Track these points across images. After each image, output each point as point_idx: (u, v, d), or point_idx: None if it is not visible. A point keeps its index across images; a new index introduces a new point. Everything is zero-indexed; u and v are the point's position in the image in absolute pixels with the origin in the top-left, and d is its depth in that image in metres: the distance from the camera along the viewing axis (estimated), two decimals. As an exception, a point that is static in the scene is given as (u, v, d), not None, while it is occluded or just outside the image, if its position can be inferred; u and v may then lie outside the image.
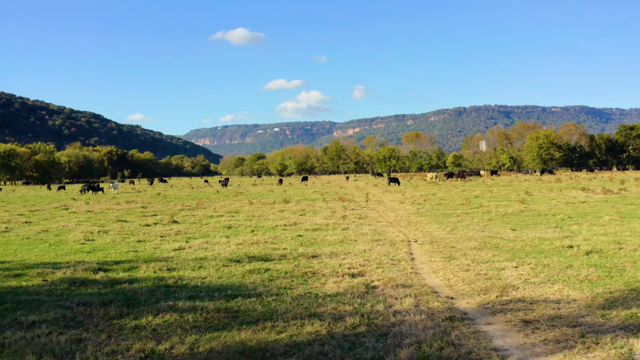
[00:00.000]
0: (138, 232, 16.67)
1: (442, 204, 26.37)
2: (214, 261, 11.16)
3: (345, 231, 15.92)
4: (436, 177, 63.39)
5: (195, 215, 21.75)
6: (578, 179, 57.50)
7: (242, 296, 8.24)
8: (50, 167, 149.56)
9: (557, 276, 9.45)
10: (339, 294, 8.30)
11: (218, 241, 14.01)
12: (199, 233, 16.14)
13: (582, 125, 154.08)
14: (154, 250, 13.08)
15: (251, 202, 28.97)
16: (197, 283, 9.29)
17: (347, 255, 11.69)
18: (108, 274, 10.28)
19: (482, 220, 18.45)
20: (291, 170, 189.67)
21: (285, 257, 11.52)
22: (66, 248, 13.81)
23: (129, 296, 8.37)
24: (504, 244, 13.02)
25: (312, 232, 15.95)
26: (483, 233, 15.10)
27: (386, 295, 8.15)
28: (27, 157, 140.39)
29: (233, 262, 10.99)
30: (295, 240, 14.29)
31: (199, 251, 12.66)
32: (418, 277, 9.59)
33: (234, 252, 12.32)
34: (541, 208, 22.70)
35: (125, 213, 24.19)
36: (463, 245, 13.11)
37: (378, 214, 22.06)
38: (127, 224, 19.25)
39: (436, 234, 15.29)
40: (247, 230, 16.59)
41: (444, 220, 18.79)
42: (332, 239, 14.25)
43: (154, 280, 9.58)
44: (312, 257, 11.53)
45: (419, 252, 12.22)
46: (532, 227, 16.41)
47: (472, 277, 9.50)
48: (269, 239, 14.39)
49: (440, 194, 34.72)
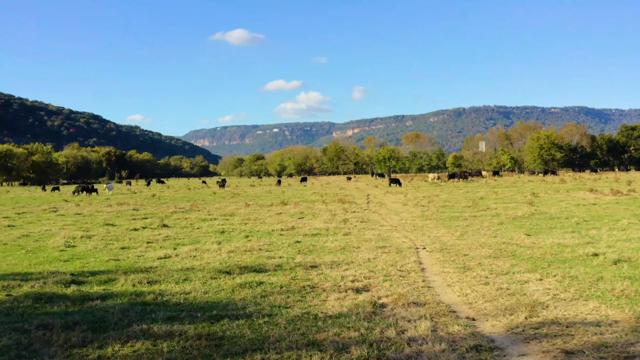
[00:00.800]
0: (124, 237, 15.51)
1: (447, 206, 25.25)
2: (201, 272, 9.99)
3: (346, 237, 14.77)
4: (438, 178, 62.24)
5: (188, 219, 20.59)
6: (582, 180, 56.39)
7: (229, 317, 7.08)
8: (47, 167, 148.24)
9: (589, 291, 8.31)
10: (342, 314, 7.14)
11: (208, 248, 12.85)
12: (189, 239, 14.98)
13: (583, 126, 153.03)
14: (137, 258, 11.92)
15: (247, 205, 27.80)
16: (180, 300, 8.13)
17: (349, 266, 10.54)
18: (81, 287, 9.13)
19: (492, 224, 17.32)
20: (290, 171, 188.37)
21: (281, 268, 10.36)
22: (43, 256, 12.66)
23: (98, 317, 7.21)
24: (521, 252, 11.88)
25: (311, 237, 14.79)
26: (496, 239, 13.96)
27: (397, 317, 7.00)
28: (24, 158, 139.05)
29: (222, 274, 9.82)
30: (293, 247, 13.14)
31: (187, 260, 11.50)
32: (431, 292, 8.44)
33: (225, 262, 11.16)
34: (552, 210, 21.59)
35: (115, 216, 23.03)
36: (476, 252, 11.96)
37: (381, 217, 20.91)
38: (114, 228, 18.09)
39: (445, 239, 14.14)
40: (241, 235, 15.42)
41: (452, 224, 17.64)
42: (333, 245, 13.09)
43: (130, 296, 8.42)
44: (310, 267, 10.37)
45: (429, 261, 11.07)
46: (547, 231, 15.27)
47: (493, 292, 8.35)
48: (264, 246, 13.24)
49: (444, 196, 33.59)
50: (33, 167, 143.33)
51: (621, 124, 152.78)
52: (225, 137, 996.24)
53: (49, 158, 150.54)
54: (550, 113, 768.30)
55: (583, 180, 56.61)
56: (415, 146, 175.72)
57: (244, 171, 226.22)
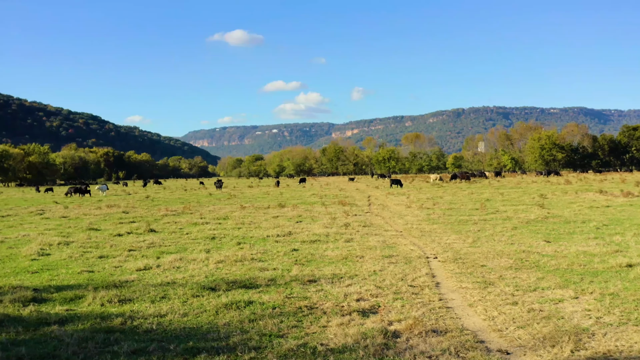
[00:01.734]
0: (105, 244, 14.18)
1: (452, 208, 23.95)
2: (182, 288, 8.68)
3: (348, 244, 13.47)
4: (440, 179, 60.91)
5: (178, 223, 19.27)
6: (588, 181, 55.09)
7: (207, 351, 5.77)
8: (44, 168, 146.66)
9: (636, 312, 7.03)
10: (347, 347, 5.84)
11: (195, 257, 11.54)
12: (175, 246, 13.65)
13: (584, 126, 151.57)
14: (113, 270, 10.61)
15: (243, 207, 26.46)
16: (152, 325, 6.83)
17: (353, 280, 9.23)
18: (41, 307, 7.83)
19: (505, 228, 16.03)
20: (289, 171, 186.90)
21: (275, 282, 9.05)
22: (11, 266, 11.36)
23: (48, 351, 5.90)
24: (545, 262, 10.59)
25: (310, 244, 13.48)
26: (513, 246, 12.67)
27: (415, 351, 5.69)
28: (20, 159, 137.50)
29: (207, 290, 8.51)
30: (289, 256, 11.83)
31: (169, 272, 10.19)
32: (451, 314, 7.15)
33: (211, 274, 9.86)
34: (565, 213, 20.31)
35: (102, 219, 21.71)
36: (495, 263, 10.67)
37: (384, 220, 19.61)
38: (97, 233, 16.77)
39: (457, 247, 12.85)
40: (232, 242, 14.09)
41: (461, 228, 16.35)
42: (334, 254, 11.79)
43: (95, 319, 7.11)
44: (308, 281, 9.07)
45: (444, 274, 9.77)
46: (567, 237, 13.99)
47: (523, 314, 7.06)
48: (257, 255, 11.93)
49: (448, 197, 32.30)
50: (29, 168, 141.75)
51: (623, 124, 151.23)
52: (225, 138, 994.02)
53: (46, 159, 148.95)
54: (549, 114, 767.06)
55: (588, 181, 55.32)
56: (415, 147, 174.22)
57: (243, 172, 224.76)
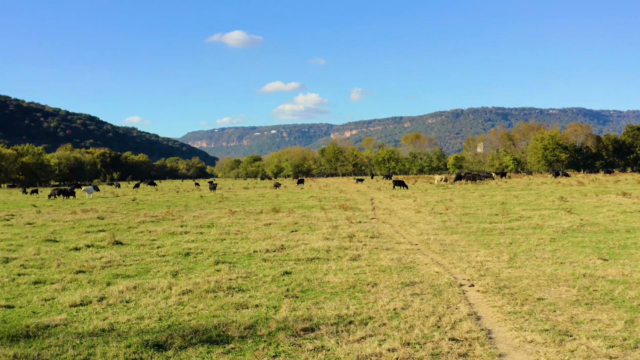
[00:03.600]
0: (52, 262, 11.42)
1: (468, 213, 21.22)
2: (118, 343, 5.93)
3: (355, 262, 10.72)
4: (445, 180, 58.13)
5: (153, 232, 16.47)
6: (600, 182, 52.35)
7: None
8: (38, 169, 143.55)
9: None
10: None
11: (155, 285, 8.79)
12: (136, 266, 10.86)
13: (588, 126, 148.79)
14: (40, 305, 7.85)
15: (232, 212, 23.65)
16: None
17: (367, 328, 6.47)
18: None
19: (541, 240, 13.32)
20: (288, 172, 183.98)
21: (254, 333, 6.29)
22: None
23: None
24: (620, 293, 7.88)
25: (306, 264, 10.72)
26: (564, 267, 9.96)
27: None
28: (13, 159, 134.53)
29: (151, 350, 5.77)
30: (279, 282, 9.07)
31: (112, 310, 7.44)
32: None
33: (168, 316, 7.11)
34: (599, 220, 17.61)
35: (70, 227, 18.94)
36: (554, 295, 7.94)
37: (394, 229, 16.86)
38: (52, 246, 13.98)
39: (493, 267, 10.11)
40: (210, 260, 11.30)
41: (489, 240, 13.61)
42: (337, 280, 9.04)
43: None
44: (302, 331, 6.32)
45: (492, 315, 7.04)
46: (624, 253, 11.29)
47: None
48: (238, 280, 9.18)
49: (458, 200, 29.56)
50: (22, 169, 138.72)
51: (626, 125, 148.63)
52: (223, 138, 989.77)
53: (40, 159, 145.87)
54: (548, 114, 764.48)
55: (601, 182, 52.58)
56: (415, 147, 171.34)
57: (241, 173, 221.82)
